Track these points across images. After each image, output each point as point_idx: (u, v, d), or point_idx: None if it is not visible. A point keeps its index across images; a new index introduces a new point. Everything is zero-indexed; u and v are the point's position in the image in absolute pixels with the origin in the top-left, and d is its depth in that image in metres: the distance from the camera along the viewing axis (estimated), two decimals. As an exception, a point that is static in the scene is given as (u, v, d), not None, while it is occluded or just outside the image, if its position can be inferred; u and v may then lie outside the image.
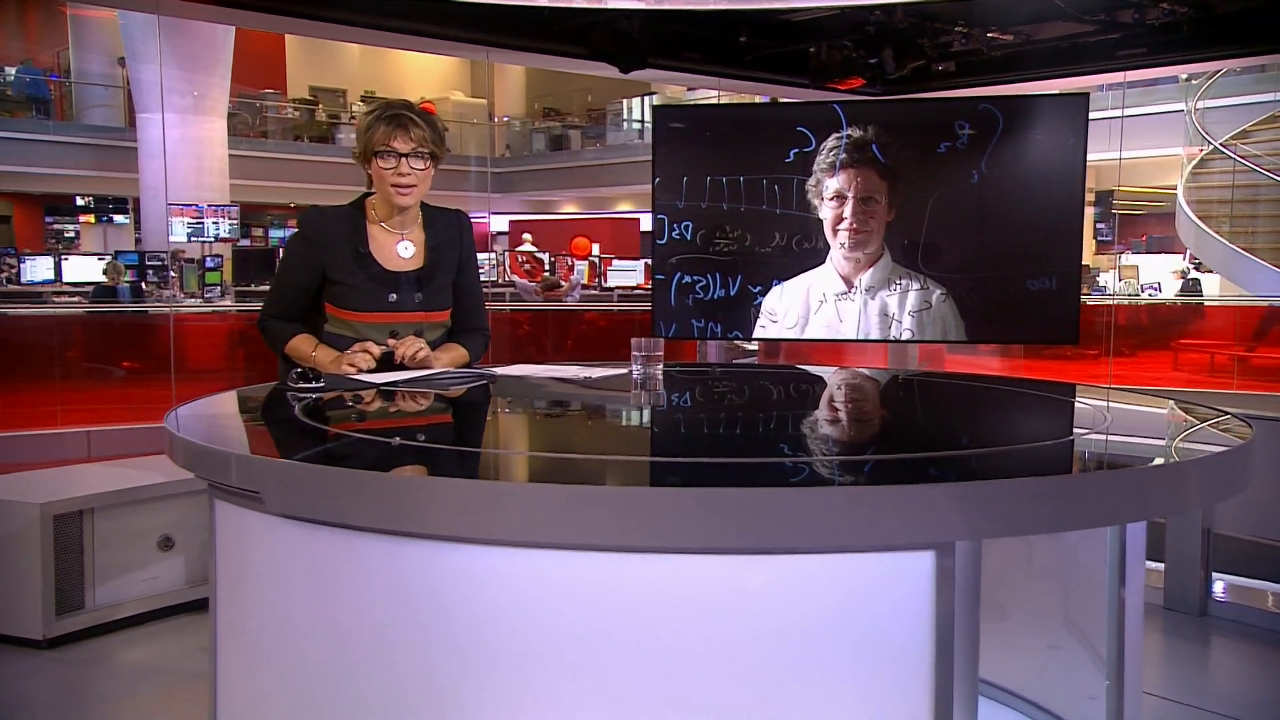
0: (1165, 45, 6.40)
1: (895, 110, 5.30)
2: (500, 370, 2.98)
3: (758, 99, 12.42)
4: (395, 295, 2.93)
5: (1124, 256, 13.80)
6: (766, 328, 5.09)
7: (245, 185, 17.53)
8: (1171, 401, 2.44)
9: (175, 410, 2.18)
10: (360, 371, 2.74)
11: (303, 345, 2.91)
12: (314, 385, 2.45)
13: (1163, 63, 6.81)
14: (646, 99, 22.14)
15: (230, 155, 15.87)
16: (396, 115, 2.90)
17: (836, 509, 1.39)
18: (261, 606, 1.75)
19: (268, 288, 9.84)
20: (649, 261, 11.19)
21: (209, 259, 11.90)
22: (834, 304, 5.02)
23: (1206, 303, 13.10)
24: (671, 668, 1.47)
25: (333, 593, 1.62)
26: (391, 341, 2.86)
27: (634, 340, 2.69)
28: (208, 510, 1.88)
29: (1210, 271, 14.57)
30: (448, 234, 3.06)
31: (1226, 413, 2.09)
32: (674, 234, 5.05)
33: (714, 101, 16.84)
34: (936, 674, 1.44)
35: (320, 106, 22.97)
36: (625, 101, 22.80)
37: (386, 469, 1.64)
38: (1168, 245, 18.33)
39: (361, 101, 23.98)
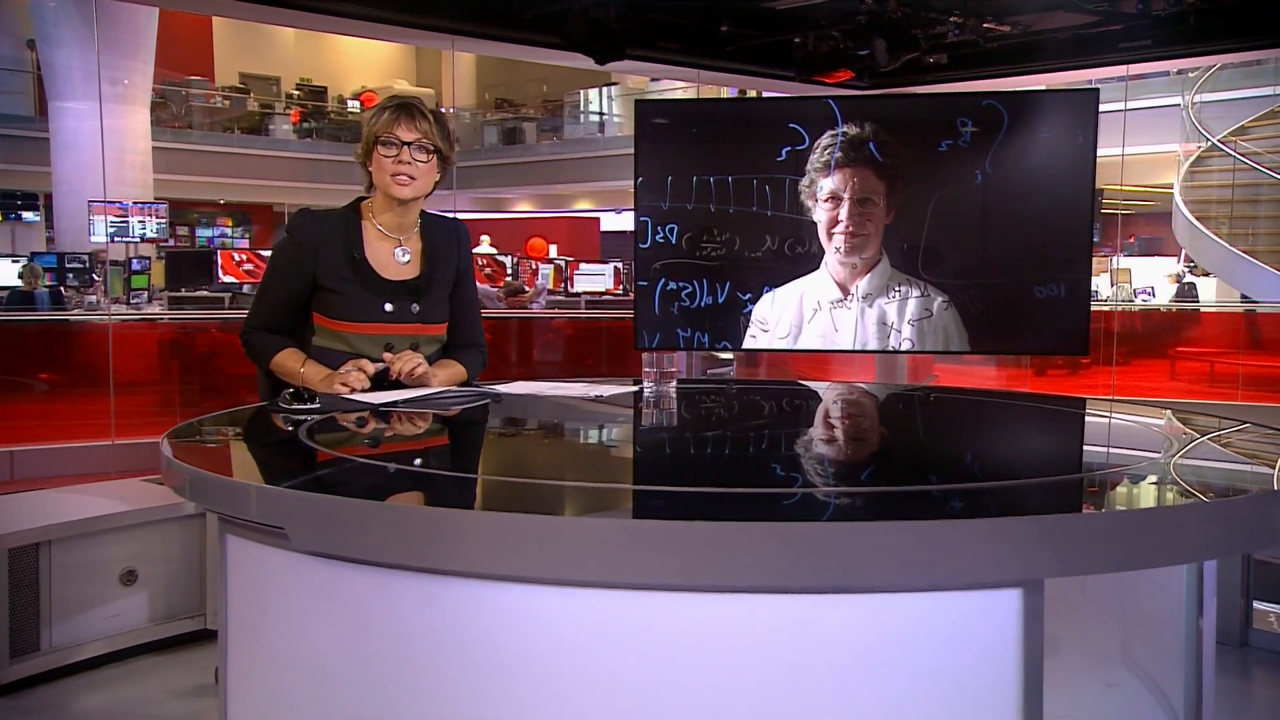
0: (1171, 37, 6.50)
1: (894, 106, 5.34)
2: (503, 388, 2.99)
3: (725, 92, 12.49)
4: (391, 305, 2.93)
5: (1116, 259, 13.99)
6: (757, 337, 5.10)
7: (169, 180, 17.33)
8: (1217, 418, 2.49)
9: (167, 434, 2.15)
10: (353, 391, 2.73)
11: (289, 361, 2.89)
12: (308, 407, 2.43)
13: (1168, 55, 6.93)
14: (606, 90, 22.17)
15: (153, 147, 15.69)
16: (404, 104, 2.94)
17: (922, 545, 1.40)
18: (283, 649, 1.73)
19: (205, 294, 9.64)
20: (619, 265, 11.20)
21: (135, 261, 11.75)
22: (829, 312, 5.04)
23: (1203, 308, 13.33)
24: (741, 714, 1.47)
25: (365, 635, 1.60)
26: (388, 356, 2.85)
27: (646, 355, 2.70)
28: (218, 545, 1.86)
29: (1206, 275, 14.80)
30: (445, 244, 3.07)
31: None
32: (658, 237, 5.04)
33: (680, 93, 16.89)
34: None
35: (252, 95, 22.76)
36: (583, 92, 22.79)
37: (424, 503, 1.63)
38: (1157, 247, 18.61)
39: (297, 90, 23.81)
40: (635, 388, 2.94)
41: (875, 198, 4.85)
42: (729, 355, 9.21)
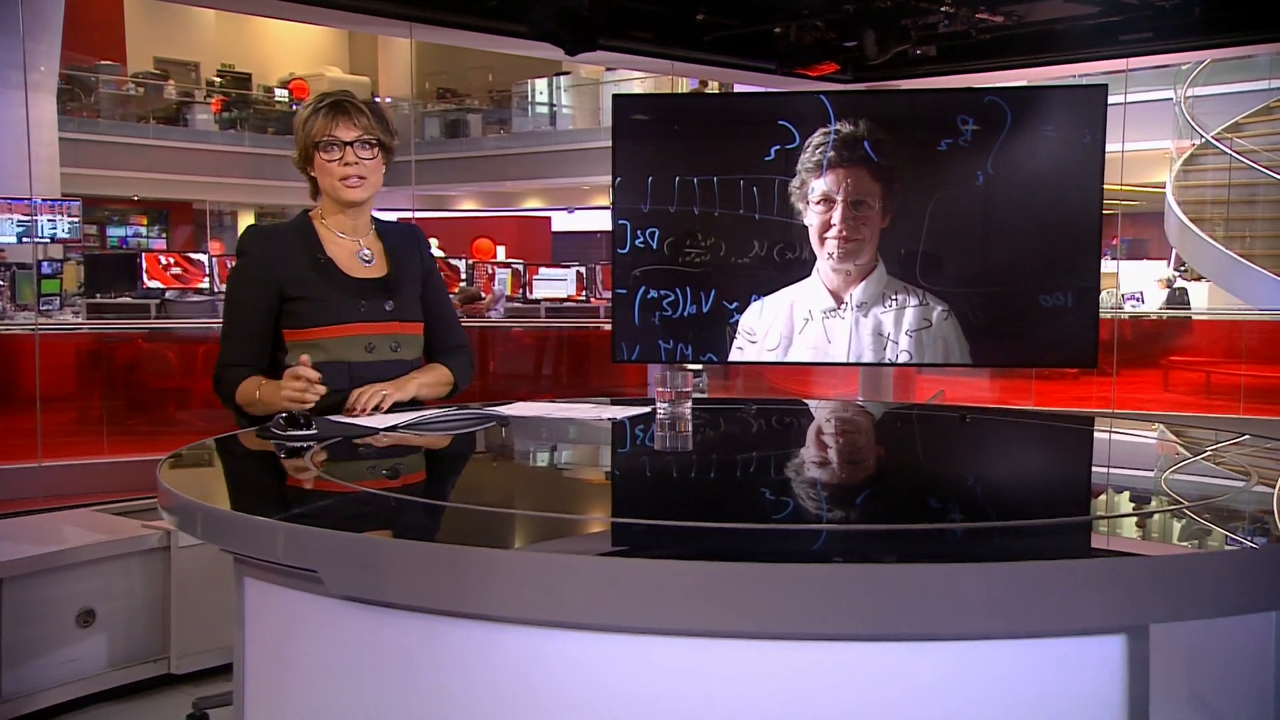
0: (1175, 29, 6.61)
1: (890, 102, 5.39)
2: (507, 410, 3.00)
3: (685, 84, 12.53)
4: (365, 304, 2.94)
5: (1117, 264, 14.15)
6: (744, 349, 5.11)
7: (76, 174, 17.08)
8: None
9: (162, 464, 2.13)
10: (305, 404, 2.69)
11: (249, 387, 2.87)
12: (304, 433, 2.41)
13: (1172, 49, 7.04)
14: (557, 80, 22.16)
15: (59, 139, 15.46)
16: (336, 103, 2.95)
17: (1021, 588, 1.41)
18: (313, 703, 1.71)
19: (128, 300, 9.46)
20: (581, 269, 11.19)
21: (45, 264, 11.56)
22: (821, 322, 5.06)
23: (1199, 316, 13.53)
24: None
25: (407, 686, 1.59)
26: (351, 398, 2.83)
27: (659, 374, 2.71)
28: (234, 588, 1.85)
29: (1198, 279, 15.04)
30: (405, 246, 3.13)
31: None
32: (638, 242, 5.04)
33: (637, 85, 16.89)
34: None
35: (171, 82, 22.49)
36: (531, 82, 22.75)
37: (470, 542, 1.62)
38: (1142, 249, 18.92)
39: (218, 76, 23.56)
40: (648, 409, 2.95)
41: (870, 200, 4.88)
42: (698, 366, 9.21)
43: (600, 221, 21.26)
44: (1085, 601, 1.44)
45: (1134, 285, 15.06)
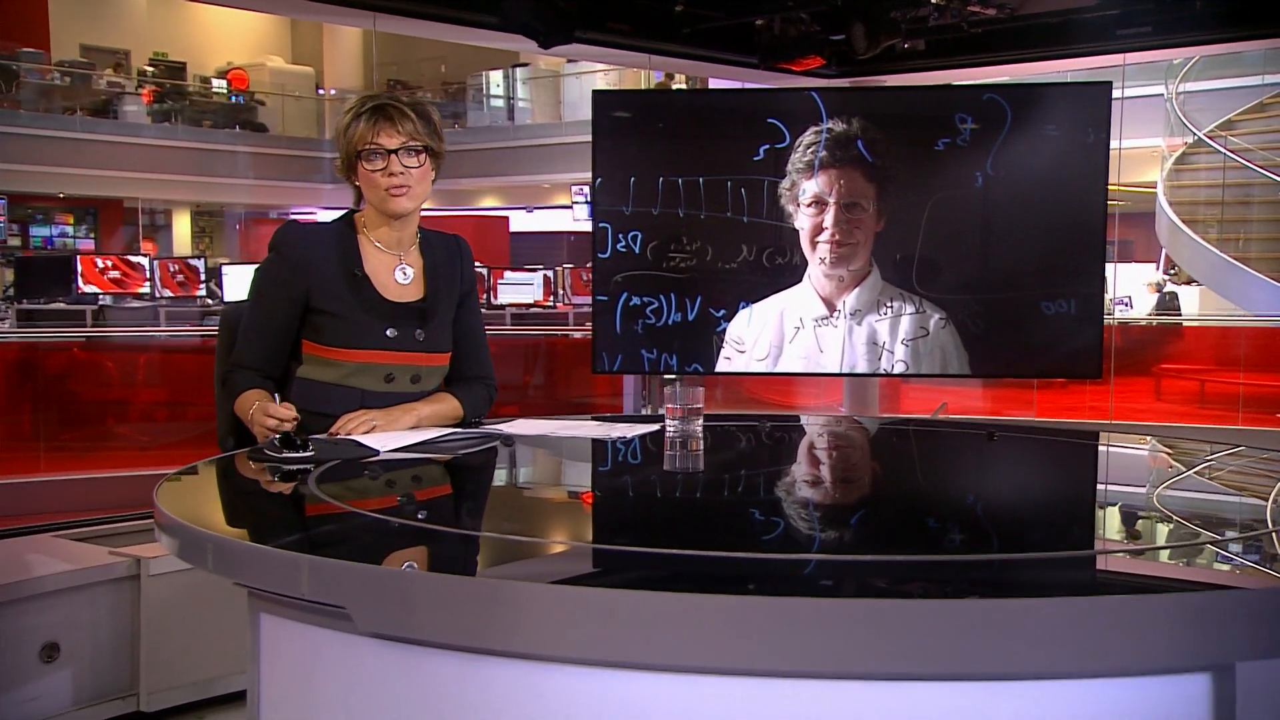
0: (1175, 24, 6.69)
1: (885, 100, 5.41)
2: (508, 428, 2.98)
3: (650, 77, 12.55)
4: (394, 330, 2.92)
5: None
6: (732, 359, 5.12)
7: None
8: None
9: (158, 489, 2.10)
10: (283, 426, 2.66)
11: (248, 399, 2.83)
12: (301, 455, 2.40)
13: (1172, 44, 7.12)
14: (514, 71, 22.11)
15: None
16: (379, 106, 2.92)
17: (1103, 624, 1.42)
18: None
19: (61, 306, 9.37)
20: (549, 274, 11.19)
21: (-33, 267, 11.48)
22: (813, 331, 5.07)
23: (1194, 322, 13.67)
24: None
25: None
26: (338, 424, 2.81)
27: (668, 389, 2.71)
28: (248, 626, 1.83)
29: (1188, 283, 15.20)
30: (447, 262, 3.10)
31: None
32: (619, 246, 5.04)
33: (600, 78, 16.88)
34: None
35: (110, 70, 22.26)
36: (487, 74, 22.67)
37: (520, 576, 1.61)
38: (1128, 251, 19.11)
39: (150, 66, 23.36)
40: (655, 426, 2.95)
41: (864, 202, 4.89)
42: (672, 377, 9.17)
43: (562, 221, 21.20)
44: (1171, 638, 1.45)
45: (1122, 289, 15.18)
